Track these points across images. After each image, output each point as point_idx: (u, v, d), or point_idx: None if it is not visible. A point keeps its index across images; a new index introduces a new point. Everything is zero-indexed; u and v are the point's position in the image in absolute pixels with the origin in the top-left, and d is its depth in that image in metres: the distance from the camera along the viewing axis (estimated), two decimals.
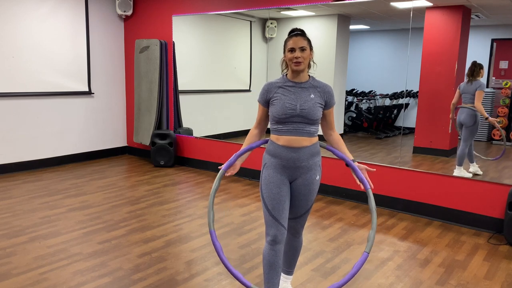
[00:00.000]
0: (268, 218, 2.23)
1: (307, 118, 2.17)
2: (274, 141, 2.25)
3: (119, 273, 2.87)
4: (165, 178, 5.45)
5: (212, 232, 2.21)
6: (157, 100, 6.02)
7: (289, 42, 2.17)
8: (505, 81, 4.89)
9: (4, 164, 5.41)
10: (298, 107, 2.16)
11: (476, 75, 4.48)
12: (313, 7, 5.35)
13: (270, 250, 2.23)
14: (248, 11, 5.55)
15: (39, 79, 5.62)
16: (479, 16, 4.74)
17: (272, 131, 2.28)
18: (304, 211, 2.32)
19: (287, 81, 2.23)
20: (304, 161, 2.21)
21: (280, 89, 2.22)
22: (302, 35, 2.19)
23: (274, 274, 2.26)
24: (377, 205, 4.45)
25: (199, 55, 6.75)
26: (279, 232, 2.21)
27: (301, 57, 2.14)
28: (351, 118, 7.24)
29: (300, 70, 2.18)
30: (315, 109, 2.19)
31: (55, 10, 5.69)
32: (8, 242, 3.34)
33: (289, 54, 2.17)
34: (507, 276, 2.99)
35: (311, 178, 2.25)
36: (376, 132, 6.79)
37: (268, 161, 2.27)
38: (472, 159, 4.59)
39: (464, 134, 4.57)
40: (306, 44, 2.16)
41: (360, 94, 7.17)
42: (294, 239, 2.44)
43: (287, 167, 2.22)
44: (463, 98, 4.59)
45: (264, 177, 2.27)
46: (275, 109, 2.20)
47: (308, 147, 2.21)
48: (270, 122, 2.29)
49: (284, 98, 2.19)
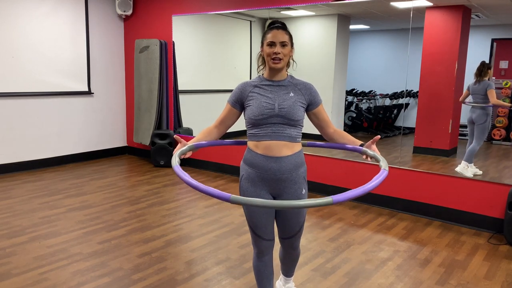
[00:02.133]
0: (252, 234, 2.12)
1: (287, 118, 1.95)
2: (252, 148, 2.00)
3: (119, 273, 2.87)
4: (165, 178, 5.45)
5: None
6: (157, 100, 6.02)
7: (268, 35, 1.94)
8: (505, 81, 4.90)
9: (4, 164, 5.41)
10: (276, 106, 1.94)
11: (484, 75, 4.51)
12: (313, 7, 5.35)
13: (258, 261, 2.18)
14: (248, 11, 5.55)
15: (39, 79, 5.62)
16: (479, 16, 4.74)
17: (249, 137, 2.03)
18: (297, 230, 2.15)
19: (264, 79, 2.03)
20: (285, 173, 1.97)
21: (256, 88, 2.01)
22: (283, 28, 1.96)
23: (267, 283, 2.22)
24: (377, 205, 4.45)
25: (199, 55, 6.74)
26: (264, 246, 2.13)
27: (281, 53, 1.92)
28: (351, 118, 7.24)
29: (278, 68, 1.97)
30: (296, 108, 1.96)
31: (55, 10, 5.68)
32: (8, 242, 3.34)
33: (267, 48, 1.94)
34: (507, 276, 2.99)
35: (297, 193, 2.02)
36: (376, 132, 6.79)
37: (245, 172, 2.04)
38: (471, 160, 4.59)
39: (477, 132, 4.62)
40: (287, 39, 1.94)
41: (360, 94, 7.17)
42: (291, 252, 2.28)
43: (266, 179, 1.98)
44: (474, 98, 4.63)
45: (241, 191, 2.06)
46: (251, 110, 1.97)
47: (289, 156, 1.97)
48: (246, 127, 2.04)
49: (261, 97, 1.97)
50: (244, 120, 2.07)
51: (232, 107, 2.08)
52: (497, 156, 5.06)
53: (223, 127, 2.12)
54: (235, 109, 2.08)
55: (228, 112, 2.09)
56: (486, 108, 4.55)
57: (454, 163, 4.69)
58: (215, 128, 2.12)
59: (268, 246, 2.14)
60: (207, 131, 2.11)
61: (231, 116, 2.10)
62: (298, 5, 5.00)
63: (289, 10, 5.44)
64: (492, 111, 4.66)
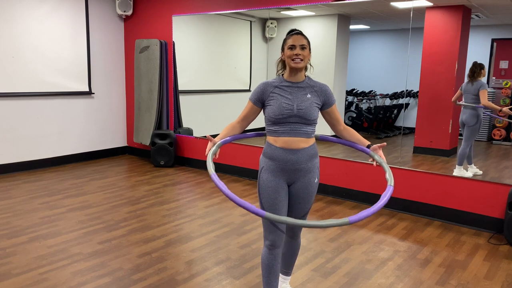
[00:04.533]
0: (266, 223, 2.21)
1: (304, 118, 2.14)
2: (271, 143, 2.20)
3: (119, 273, 2.88)
4: (165, 178, 5.45)
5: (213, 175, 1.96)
6: (157, 100, 6.02)
7: (289, 40, 2.16)
8: (505, 81, 4.89)
9: (4, 164, 5.42)
10: (295, 107, 2.13)
11: (477, 75, 4.48)
12: (313, 7, 5.35)
13: (269, 254, 2.23)
14: (248, 11, 5.55)
15: (39, 79, 5.62)
16: (479, 16, 4.74)
17: (268, 132, 2.23)
18: (303, 214, 2.29)
19: (283, 80, 2.20)
20: (302, 163, 2.17)
21: (276, 88, 2.19)
22: (302, 34, 2.17)
23: (273, 278, 2.26)
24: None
25: (199, 55, 6.74)
26: (277, 237, 2.21)
27: (301, 54, 2.11)
28: (351, 118, 7.24)
29: (299, 68, 2.15)
30: (312, 109, 2.16)
31: (55, 10, 5.69)
32: (8, 242, 3.34)
33: (288, 51, 2.14)
34: (507, 276, 2.99)
35: (310, 181, 2.22)
36: (376, 132, 6.79)
37: (265, 164, 2.22)
38: (471, 161, 4.59)
39: (466, 133, 4.58)
40: (306, 43, 2.15)
41: (360, 94, 7.17)
42: (292, 241, 2.42)
43: (285, 169, 2.17)
44: (465, 99, 4.59)
45: (261, 181, 2.22)
46: (271, 109, 2.16)
47: (306, 148, 2.18)
48: (266, 124, 2.24)
49: (281, 98, 2.16)
50: (264, 116, 2.25)
51: (254, 104, 2.25)
52: (497, 156, 5.06)
53: (245, 123, 2.33)
54: (256, 107, 2.25)
55: (250, 109, 2.27)
56: (477, 109, 4.52)
57: (454, 163, 4.69)
58: (237, 124, 2.32)
59: (280, 237, 2.21)
60: (230, 127, 2.31)
61: (253, 112, 2.28)
62: (298, 5, 5.00)
63: (289, 10, 5.45)
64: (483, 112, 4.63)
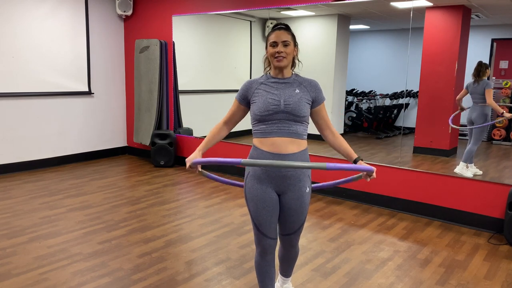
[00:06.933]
0: (256, 231, 2.13)
1: (292, 114, 1.98)
2: (257, 146, 2.03)
3: (119, 273, 2.87)
4: (165, 178, 5.45)
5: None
6: (157, 100, 6.02)
7: (271, 36, 2.01)
8: (505, 81, 4.90)
9: (4, 164, 5.41)
10: (282, 102, 1.98)
11: (482, 75, 4.50)
12: (313, 7, 5.35)
13: (261, 260, 2.18)
14: (248, 11, 5.55)
15: (39, 79, 5.62)
16: (479, 16, 4.74)
17: (254, 134, 2.06)
18: (298, 227, 2.16)
19: (270, 77, 2.07)
20: (291, 169, 2.00)
21: (262, 85, 2.06)
22: (286, 29, 2.02)
23: (269, 282, 2.22)
24: (377, 205, 4.46)
25: (199, 55, 6.74)
26: (268, 244, 2.13)
27: (283, 52, 1.97)
28: (351, 118, 7.24)
29: (282, 67, 2.01)
30: (301, 104, 2.00)
31: (55, 10, 5.69)
32: (8, 242, 3.34)
33: (271, 49, 2.00)
34: (507, 276, 2.99)
35: (301, 191, 2.06)
36: (376, 132, 6.80)
37: (251, 169, 2.07)
38: (472, 161, 4.59)
39: (475, 132, 4.60)
40: (289, 39, 2.00)
41: (360, 94, 7.17)
42: (290, 249, 2.28)
43: (272, 176, 2.01)
44: (472, 98, 4.62)
45: (247, 189, 2.09)
46: (256, 106, 2.01)
47: (295, 154, 1.99)
48: (252, 124, 2.08)
49: (266, 94, 2.01)
50: (250, 117, 2.11)
51: (239, 103, 2.13)
52: (497, 156, 5.06)
53: (232, 123, 2.20)
54: (242, 105, 2.13)
55: (236, 108, 2.15)
56: (485, 108, 4.55)
57: (454, 163, 4.70)
58: (224, 125, 2.19)
59: (271, 245, 2.14)
60: (216, 130, 2.18)
61: (239, 112, 2.16)
62: (298, 5, 5.00)
63: (289, 10, 5.45)
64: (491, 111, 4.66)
